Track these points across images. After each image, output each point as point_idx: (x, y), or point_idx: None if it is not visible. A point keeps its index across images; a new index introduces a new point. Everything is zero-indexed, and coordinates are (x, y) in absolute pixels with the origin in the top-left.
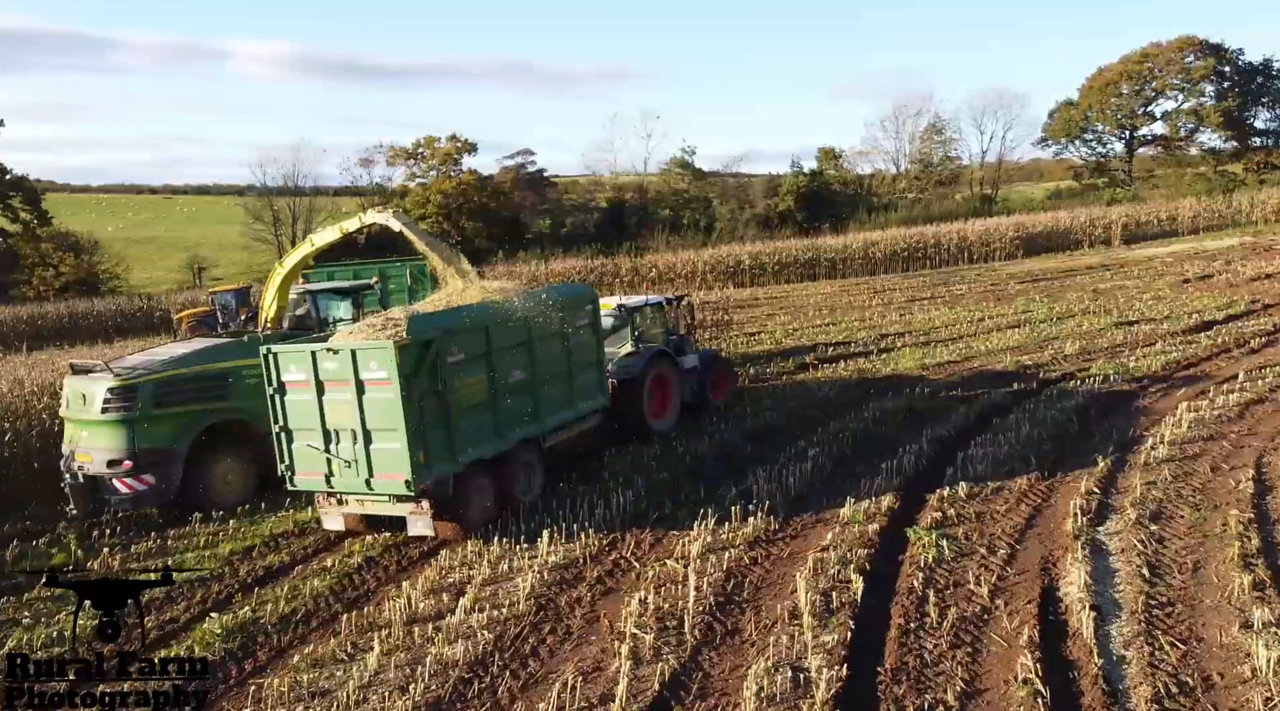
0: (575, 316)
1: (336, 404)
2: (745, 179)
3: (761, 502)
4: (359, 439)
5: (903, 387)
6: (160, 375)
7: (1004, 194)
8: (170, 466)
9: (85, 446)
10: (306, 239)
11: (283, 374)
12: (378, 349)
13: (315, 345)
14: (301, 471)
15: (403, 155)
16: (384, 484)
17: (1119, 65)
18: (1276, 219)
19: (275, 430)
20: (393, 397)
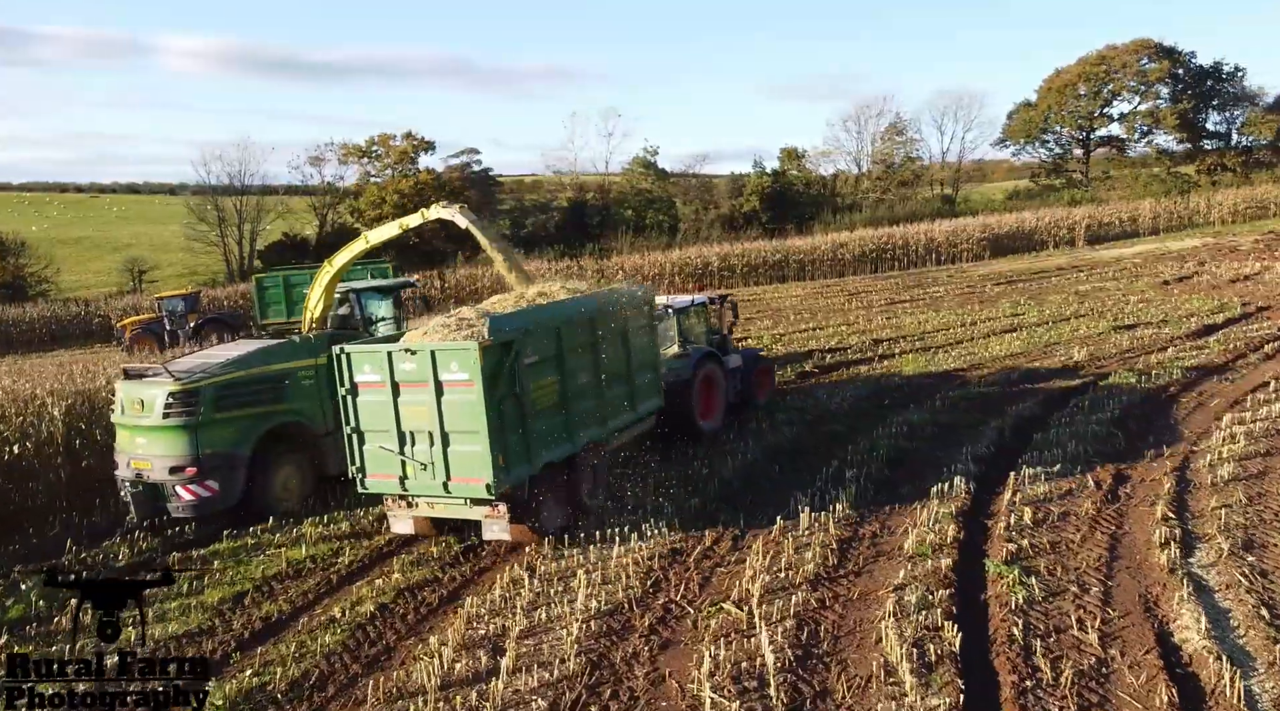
0: (635, 317)
1: (413, 405)
2: (708, 179)
3: (812, 533)
4: (436, 441)
5: (919, 398)
6: (221, 378)
7: (964, 194)
8: (234, 471)
9: (143, 453)
10: (361, 236)
11: (355, 374)
12: (460, 350)
13: (391, 345)
14: (373, 473)
15: (356, 153)
16: (462, 487)
17: (1076, 67)
18: (1233, 220)
19: (346, 432)
20: (475, 399)
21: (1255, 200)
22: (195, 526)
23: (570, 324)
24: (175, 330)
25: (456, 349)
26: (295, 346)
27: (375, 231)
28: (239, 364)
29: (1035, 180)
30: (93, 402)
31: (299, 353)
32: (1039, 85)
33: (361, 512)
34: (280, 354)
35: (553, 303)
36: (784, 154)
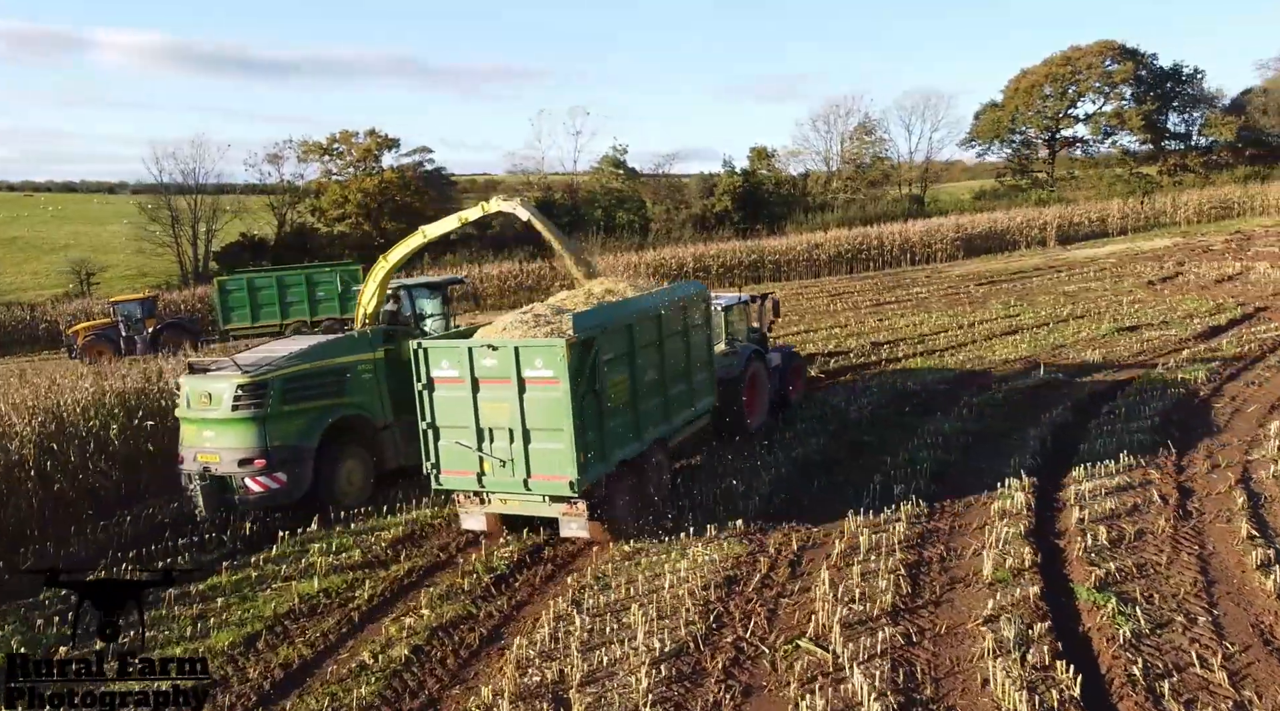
0: (694, 314)
1: (493, 402)
2: (677, 179)
3: (875, 556)
4: (516, 438)
5: (941, 404)
6: (287, 371)
7: (932, 194)
8: (301, 464)
9: (211, 446)
10: (418, 231)
11: (433, 370)
12: (545, 347)
13: (473, 341)
14: (448, 469)
15: (316, 151)
16: (543, 484)
17: (1042, 68)
18: (1198, 220)
19: (422, 427)
20: (559, 397)
21: (1219, 200)
22: (192, 554)
23: (641, 321)
24: (132, 336)
25: (542, 345)
26: (354, 341)
27: (433, 226)
28: (303, 357)
29: (1001, 180)
30: (62, 420)
31: (358, 347)
32: (1005, 86)
33: (373, 538)
34: (340, 348)
35: (626, 300)
36: (753, 153)
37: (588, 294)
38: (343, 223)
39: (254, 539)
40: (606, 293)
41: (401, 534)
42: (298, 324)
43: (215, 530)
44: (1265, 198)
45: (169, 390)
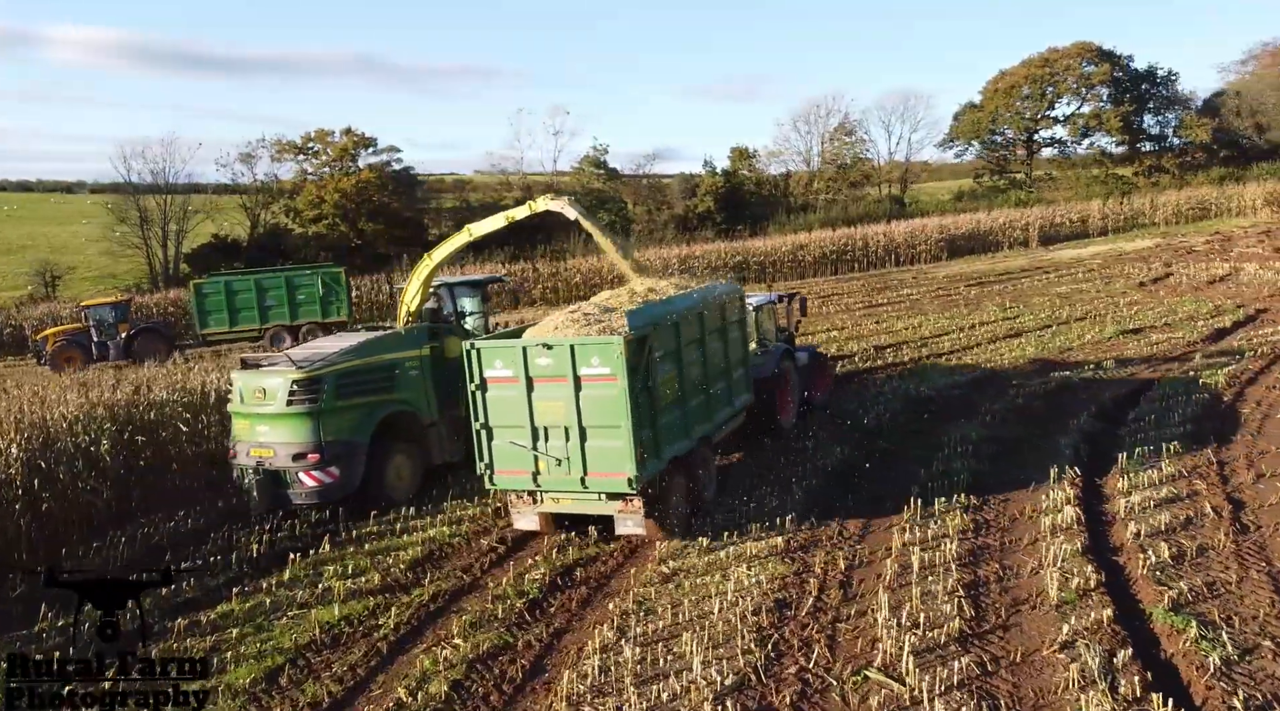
0: (731, 313)
1: (549, 400)
2: (658, 179)
3: (928, 575)
4: (572, 436)
5: (961, 411)
6: (340, 366)
7: (912, 195)
8: (354, 458)
9: (265, 440)
10: (464, 229)
11: (486, 370)
12: (602, 344)
13: (527, 340)
14: (502, 469)
15: (291, 150)
16: (600, 482)
17: (1021, 69)
18: (1176, 221)
19: (475, 428)
20: (617, 394)
21: (1197, 201)
22: (197, 584)
23: (686, 319)
24: (105, 342)
25: (599, 343)
26: (401, 337)
27: (479, 224)
28: (355, 353)
29: (979, 181)
30: (50, 435)
31: (405, 343)
32: (983, 87)
33: (390, 559)
34: (389, 344)
35: (671, 298)
36: (734, 154)
37: (631, 293)
38: (319, 224)
39: (262, 561)
40: (649, 291)
41: (420, 554)
42: (277, 328)
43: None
44: (1241, 199)
45: (158, 402)
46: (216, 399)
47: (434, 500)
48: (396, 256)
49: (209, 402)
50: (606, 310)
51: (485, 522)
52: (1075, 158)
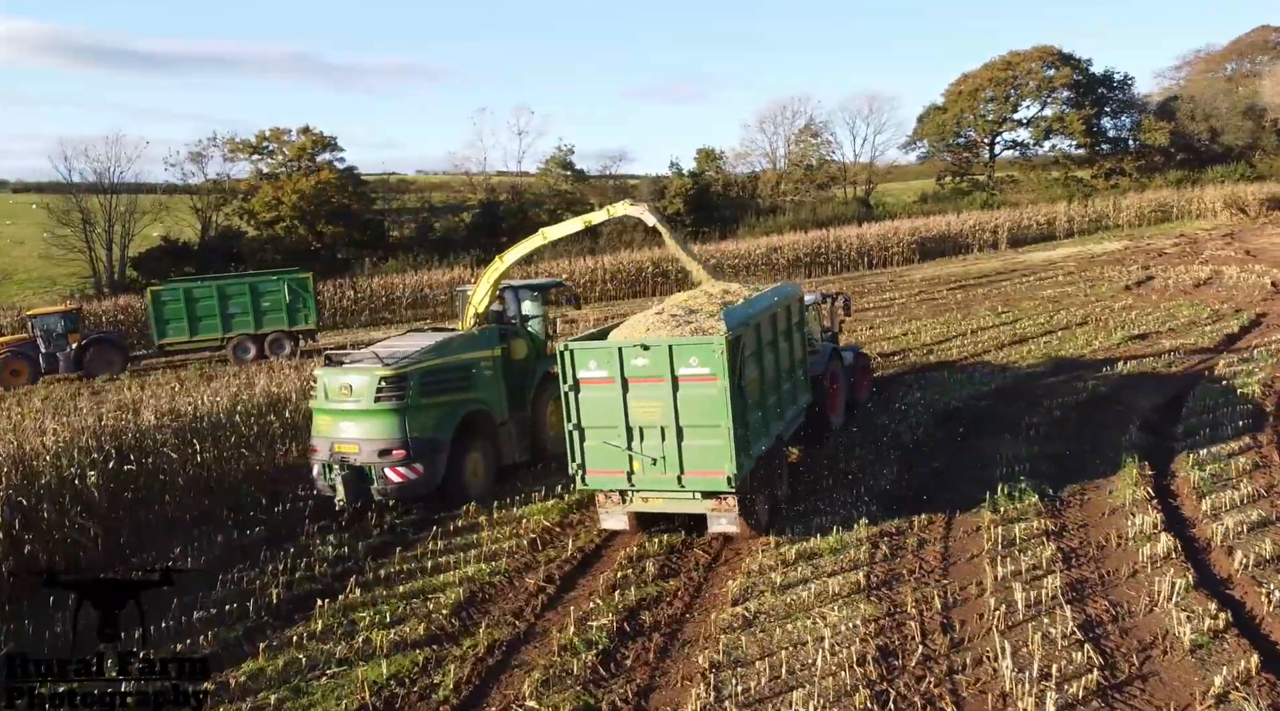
0: (795, 313)
1: (645, 400)
2: (623, 181)
3: (1045, 619)
4: (669, 435)
5: (995, 423)
6: (424, 364)
7: (878, 197)
8: (437, 455)
9: (350, 437)
10: (539, 233)
11: (579, 371)
12: (702, 345)
13: (623, 341)
14: (595, 469)
15: (246, 149)
16: (697, 480)
17: (984, 72)
18: (1139, 223)
19: (568, 428)
20: (716, 394)
21: (1158, 204)
22: (215, 637)
23: (764, 320)
24: (54, 353)
25: (699, 343)
26: (475, 338)
27: (555, 228)
28: (436, 352)
29: (942, 183)
30: (31, 470)
31: (478, 344)
32: (946, 89)
33: (429, 604)
34: (467, 344)
35: (752, 299)
36: (701, 155)
37: (707, 295)
38: (276, 226)
39: (283, 608)
40: (724, 293)
41: (462, 597)
42: (241, 338)
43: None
44: (1200, 202)
45: (148, 428)
46: (210, 422)
47: (459, 532)
48: (356, 260)
49: (201, 425)
50: (690, 311)
51: (524, 556)
52: (1035, 160)
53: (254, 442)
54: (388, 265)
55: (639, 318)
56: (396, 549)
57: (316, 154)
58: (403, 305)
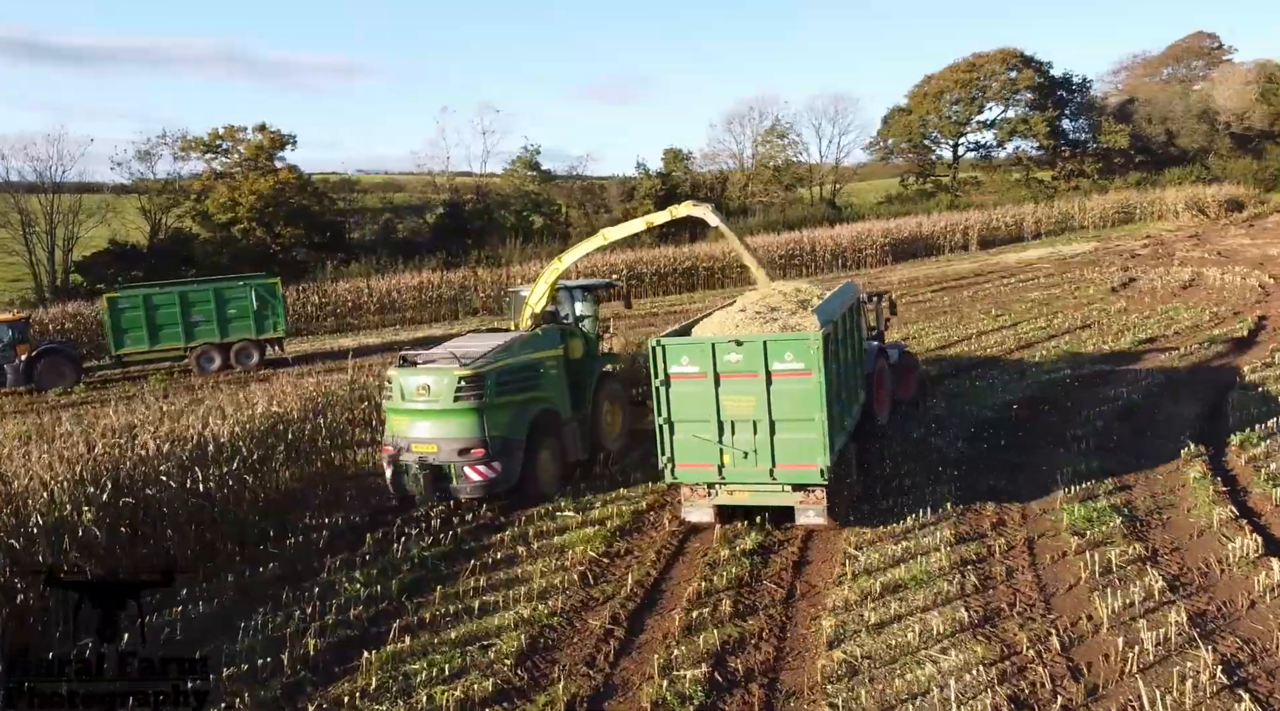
0: (856, 312)
1: (737, 395)
2: (590, 182)
3: (1180, 659)
4: (761, 429)
5: (1036, 434)
6: (498, 364)
7: (844, 198)
8: (514, 454)
9: (428, 436)
10: (599, 233)
11: (670, 366)
12: (798, 340)
13: (715, 337)
14: (684, 463)
15: (198, 148)
16: (789, 473)
17: (949, 73)
18: (1104, 224)
19: (658, 423)
20: (811, 389)
21: (1122, 205)
22: (251, 698)
23: (840, 318)
24: (1, 365)
25: (794, 339)
26: (540, 338)
27: (615, 229)
28: (508, 351)
29: (905, 184)
30: (20, 509)
31: (543, 344)
32: (910, 91)
33: (489, 654)
34: (535, 344)
35: (829, 296)
36: (668, 155)
37: (783, 293)
38: (233, 228)
39: (322, 660)
40: (796, 291)
41: (523, 644)
42: (205, 347)
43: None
44: (1162, 203)
45: (149, 459)
46: (216, 448)
47: (497, 565)
48: (317, 264)
49: (207, 454)
50: (772, 309)
51: (576, 593)
52: (996, 161)
53: (257, 468)
54: (350, 268)
55: (721, 314)
56: (435, 586)
57: (274, 153)
58: (370, 310)
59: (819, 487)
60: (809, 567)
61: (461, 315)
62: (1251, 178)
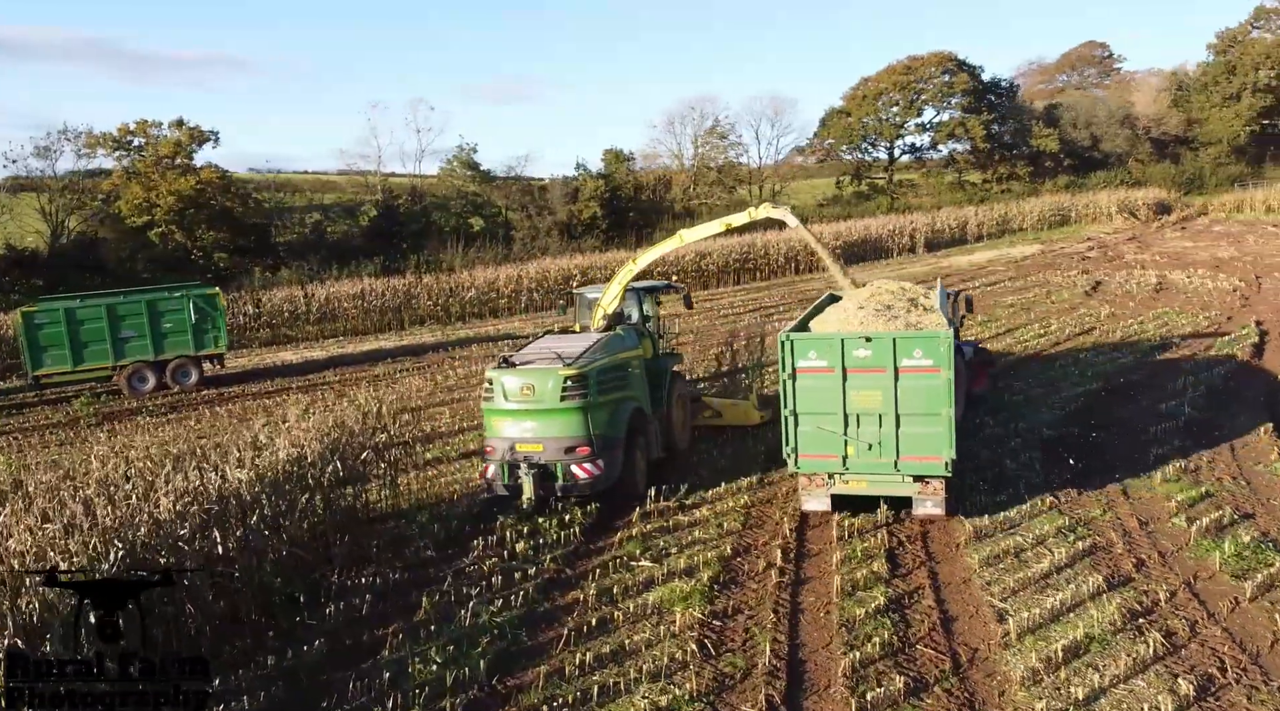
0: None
1: (864, 389)
2: (528, 182)
3: None
4: (886, 422)
5: (1106, 453)
6: (599, 363)
7: (783, 200)
8: (615, 452)
9: (534, 435)
10: (676, 235)
11: (798, 360)
12: (928, 338)
13: (845, 333)
14: (807, 453)
15: (106, 144)
16: (913, 465)
17: (885, 75)
18: (1042, 227)
19: (784, 414)
20: (939, 385)
21: (1058, 208)
22: None
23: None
24: None
25: (924, 337)
26: (624, 338)
27: (693, 230)
28: (603, 351)
29: (841, 186)
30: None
31: (628, 344)
32: (846, 93)
33: None
34: (623, 344)
35: (939, 295)
36: (608, 156)
37: (892, 292)
38: (150, 232)
39: None
40: (902, 290)
41: None
42: (137, 366)
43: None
44: (1096, 206)
45: (166, 518)
46: (238, 503)
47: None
48: (243, 270)
49: (227, 509)
50: (886, 306)
51: (703, 668)
52: (929, 163)
53: (281, 522)
54: (281, 275)
55: (835, 310)
56: (530, 664)
57: (193, 150)
58: (309, 320)
59: (939, 479)
60: (956, 625)
61: (408, 324)
62: (1170, 181)
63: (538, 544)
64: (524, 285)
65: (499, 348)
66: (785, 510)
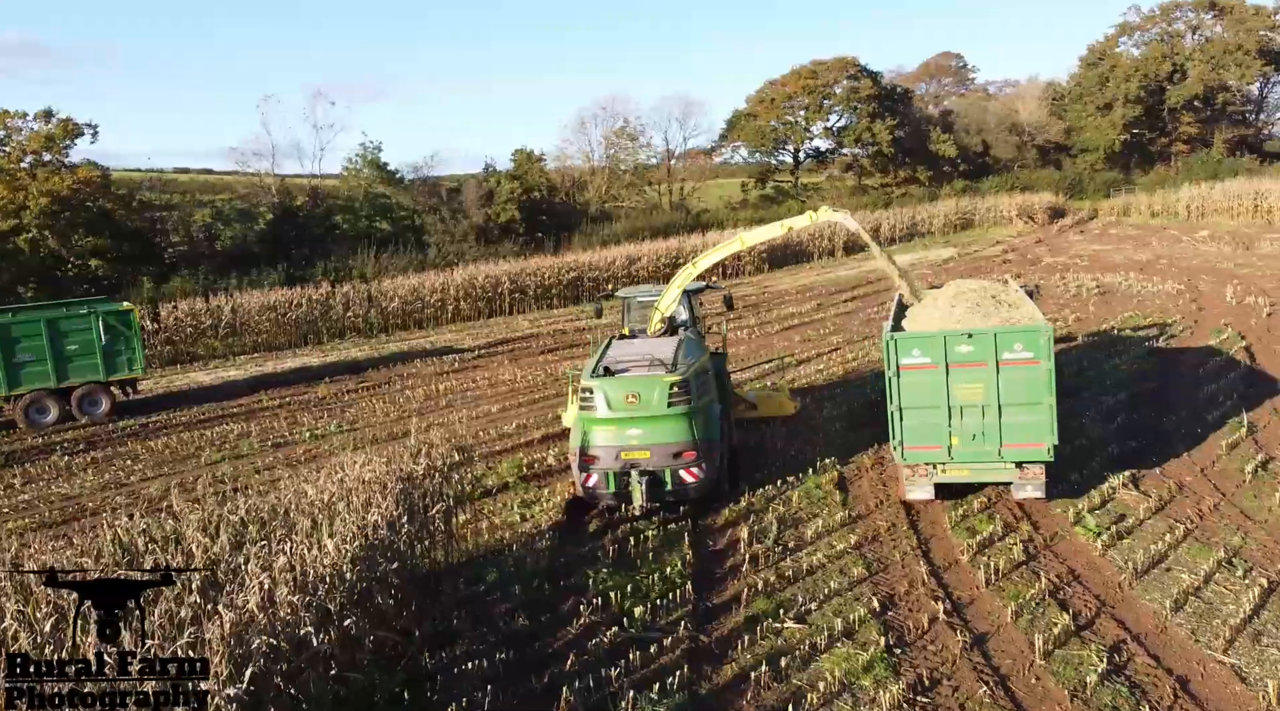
0: None
1: (966, 383)
2: (438, 182)
3: None
4: (989, 413)
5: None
6: (695, 368)
7: (693, 203)
8: (715, 454)
9: (639, 443)
10: (736, 238)
11: (902, 358)
12: (1029, 332)
13: (947, 330)
14: (912, 445)
15: None
16: (1016, 452)
17: (791, 79)
18: (948, 230)
19: (890, 409)
20: (1042, 375)
21: (963, 212)
22: None
23: None
24: None
25: (1025, 331)
26: (695, 342)
27: (753, 232)
28: (693, 355)
29: (745, 190)
30: None
31: (701, 347)
32: (751, 95)
33: None
34: (697, 349)
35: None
36: (519, 156)
37: (973, 290)
38: (19, 237)
39: None
40: (983, 288)
41: None
42: (36, 395)
43: None
44: (998, 211)
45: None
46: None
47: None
48: (129, 281)
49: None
50: (975, 305)
51: None
52: (831, 165)
53: (369, 604)
54: (171, 285)
55: (923, 310)
56: None
57: (67, 145)
58: (216, 335)
59: (1039, 464)
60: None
61: (327, 338)
62: (1055, 187)
63: (644, 600)
64: (451, 293)
65: (446, 363)
66: (897, 546)
